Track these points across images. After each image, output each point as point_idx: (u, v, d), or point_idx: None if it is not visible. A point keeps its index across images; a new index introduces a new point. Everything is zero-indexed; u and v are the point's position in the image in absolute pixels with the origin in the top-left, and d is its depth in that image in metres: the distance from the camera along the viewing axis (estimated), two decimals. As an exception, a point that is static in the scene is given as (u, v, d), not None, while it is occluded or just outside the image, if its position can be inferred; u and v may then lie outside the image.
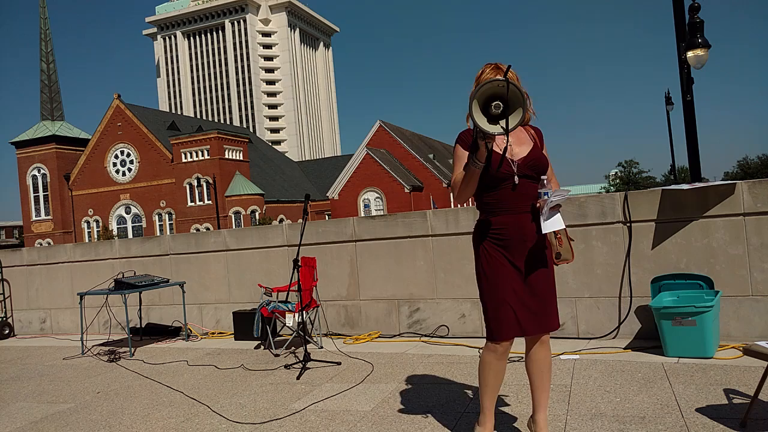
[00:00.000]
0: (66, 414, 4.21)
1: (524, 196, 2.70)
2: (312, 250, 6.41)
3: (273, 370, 5.00)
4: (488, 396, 2.82)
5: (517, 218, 2.70)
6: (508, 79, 2.37)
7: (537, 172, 2.73)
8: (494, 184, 2.70)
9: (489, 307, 2.75)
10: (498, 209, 2.73)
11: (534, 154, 2.74)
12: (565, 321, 5.27)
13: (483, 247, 2.77)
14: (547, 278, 2.77)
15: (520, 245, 2.70)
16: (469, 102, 2.39)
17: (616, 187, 71.31)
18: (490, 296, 2.74)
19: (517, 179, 2.68)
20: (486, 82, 2.37)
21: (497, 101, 2.38)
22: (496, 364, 2.76)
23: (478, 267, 2.81)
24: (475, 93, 2.37)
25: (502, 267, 2.71)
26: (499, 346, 2.73)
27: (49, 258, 8.52)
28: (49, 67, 64.46)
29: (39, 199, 60.82)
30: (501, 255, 2.72)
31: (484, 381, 2.81)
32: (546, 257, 2.76)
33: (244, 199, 53.13)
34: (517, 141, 2.74)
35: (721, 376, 3.78)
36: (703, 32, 8.56)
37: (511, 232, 2.71)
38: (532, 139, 2.80)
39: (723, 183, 4.70)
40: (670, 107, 21.98)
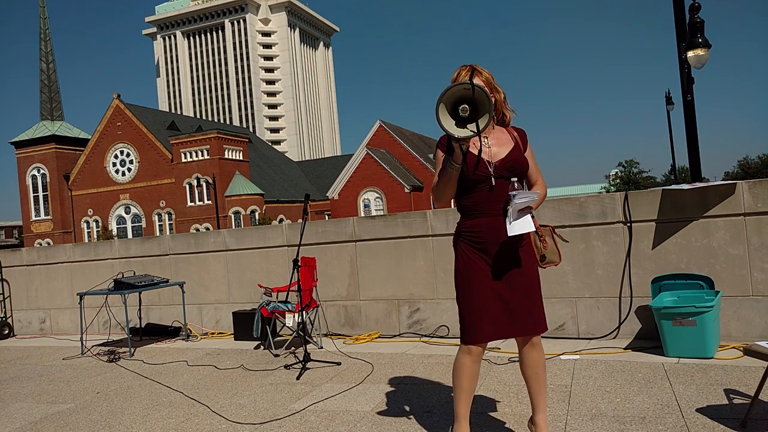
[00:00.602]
0: (66, 414, 4.21)
1: (502, 198, 2.67)
2: (312, 250, 6.41)
3: (273, 371, 5.00)
4: (463, 401, 2.76)
5: (494, 221, 2.68)
6: (474, 82, 2.38)
7: (515, 173, 2.69)
8: (471, 186, 2.68)
9: (464, 309, 2.74)
10: (475, 211, 2.72)
11: (513, 155, 2.71)
12: (566, 321, 5.27)
13: (461, 249, 2.77)
14: (528, 281, 2.72)
15: (497, 248, 2.68)
16: (436, 106, 2.38)
17: (617, 187, 71.29)
18: (466, 299, 2.73)
19: (494, 181, 2.65)
20: (451, 86, 2.38)
21: (464, 104, 2.39)
22: (471, 366, 2.74)
23: (456, 269, 2.81)
24: (441, 97, 2.38)
25: (479, 270, 2.70)
26: (474, 348, 2.72)
27: (48, 258, 8.52)
28: (49, 66, 64.45)
29: (39, 199, 60.80)
30: (478, 257, 2.71)
31: (458, 385, 2.76)
32: (526, 259, 2.72)
33: (244, 199, 53.12)
34: (496, 142, 2.71)
35: (721, 377, 3.77)
36: (704, 32, 8.56)
37: (487, 235, 2.69)
38: (513, 140, 2.76)
39: (723, 183, 4.69)
40: (670, 107, 21.99)
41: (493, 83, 2.72)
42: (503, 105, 2.79)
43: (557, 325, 5.29)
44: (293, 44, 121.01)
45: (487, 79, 2.70)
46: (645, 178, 71.60)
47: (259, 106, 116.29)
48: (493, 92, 2.70)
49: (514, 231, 2.58)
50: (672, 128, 23.17)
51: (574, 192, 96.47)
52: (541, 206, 5.37)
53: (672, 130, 23.15)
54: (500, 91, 2.76)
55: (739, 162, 70.52)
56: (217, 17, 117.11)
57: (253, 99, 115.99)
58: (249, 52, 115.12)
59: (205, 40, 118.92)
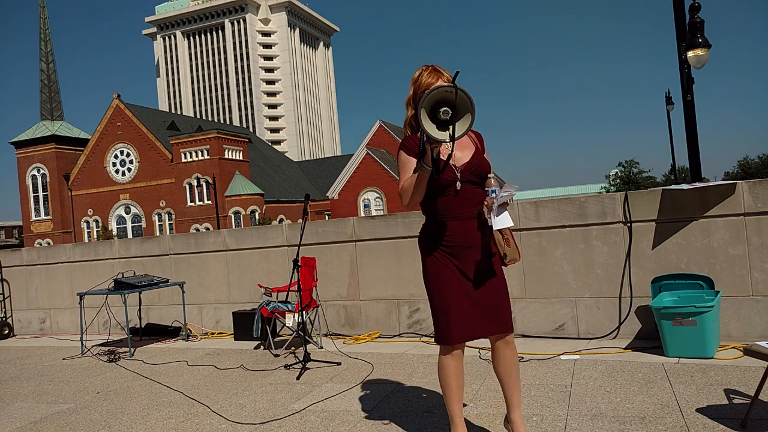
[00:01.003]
0: (66, 414, 4.21)
1: (468, 201, 2.72)
2: (312, 250, 6.41)
3: (273, 371, 5.00)
4: (454, 401, 2.77)
5: (462, 224, 2.72)
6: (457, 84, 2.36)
7: (479, 177, 2.74)
8: (438, 190, 2.70)
9: (438, 311, 2.76)
10: (443, 215, 2.74)
11: (476, 159, 2.75)
12: (566, 321, 5.27)
13: (428, 253, 2.80)
14: (496, 281, 2.78)
15: (466, 250, 2.72)
16: (417, 109, 2.37)
17: (617, 187, 71.27)
18: (439, 300, 2.75)
19: (460, 185, 2.69)
20: (434, 89, 2.36)
21: (446, 107, 2.38)
22: (455, 366, 2.75)
23: (425, 272, 2.83)
24: (422, 100, 2.36)
25: (449, 271, 2.73)
26: (452, 348, 2.74)
27: (48, 258, 8.52)
28: (49, 66, 64.45)
29: (38, 199, 60.80)
30: (447, 259, 2.74)
31: (447, 385, 2.77)
32: (493, 261, 2.77)
33: (244, 199, 53.12)
34: (459, 146, 2.72)
35: (721, 377, 3.77)
36: (704, 32, 8.56)
37: (456, 238, 2.72)
38: (473, 143, 2.81)
39: (723, 183, 4.69)
40: (670, 107, 21.99)
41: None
42: None
43: (557, 325, 5.30)
44: (293, 44, 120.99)
45: (448, 80, 2.71)
46: (645, 178, 71.57)
47: (259, 106, 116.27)
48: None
49: (498, 225, 2.62)
50: (672, 128, 23.19)
51: (574, 192, 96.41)
52: (542, 206, 5.38)
53: (672, 130, 23.17)
54: None
55: (739, 162, 70.50)
56: (217, 17, 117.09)
57: (253, 99, 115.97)
58: (249, 52, 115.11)
59: (205, 40, 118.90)
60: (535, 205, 5.42)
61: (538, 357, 4.66)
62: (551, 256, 5.31)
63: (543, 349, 4.87)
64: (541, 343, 5.15)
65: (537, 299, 5.37)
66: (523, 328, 5.43)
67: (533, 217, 5.38)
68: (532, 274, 5.39)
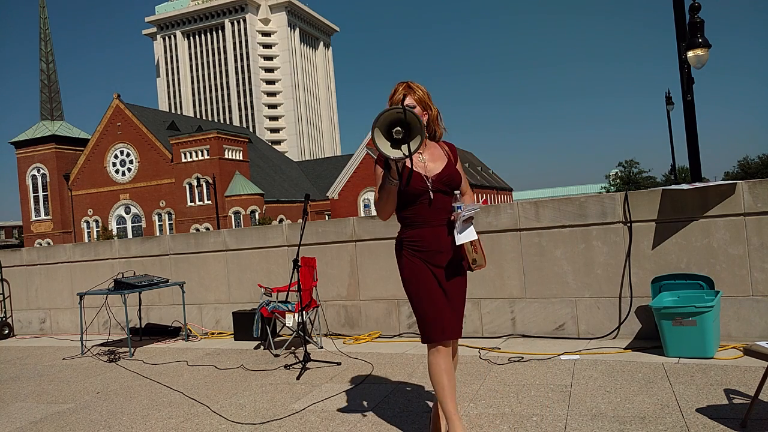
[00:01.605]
0: (66, 414, 4.21)
1: (440, 210, 2.84)
2: (312, 250, 6.41)
3: (273, 371, 5.00)
4: (448, 399, 2.77)
5: (433, 231, 2.84)
6: (406, 104, 2.58)
7: (451, 187, 2.86)
8: (411, 200, 2.84)
9: (421, 312, 2.83)
10: (416, 223, 2.87)
11: (448, 170, 2.88)
12: (566, 321, 5.27)
13: (405, 257, 2.90)
14: (463, 287, 2.92)
15: (438, 256, 2.84)
16: (371, 130, 2.58)
17: (617, 187, 71.29)
18: (421, 302, 2.83)
19: (432, 195, 2.82)
20: (385, 111, 2.58)
21: (398, 127, 2.58)
22: (445, 363, 2.79)
23: (403, 277, 2.92)
24: (376, 122, 2.58)
25: (427, 275, 2.84)
26: (441, 345, 2.79)
27: (48, 258, 8.52)
28: (49, 66, 64.44)
29: (38, 199, 60.80)
30: (420, 265, 2.85)
31: (439, 383, 2.78)
32: (461, 266, 2.88)
33: (244, 199, 53.11)
34: (431, 157, 2.88)
35: (721, 377, 3.77)
36: (704, 32, 8.56)
37: (428, 244, 2.84)
38: (446, 154, 2.94)
39: (723, 183, 4.69)
40: (670, 107, 21.99)
41: (426, 101, 2.86)
42: (436, 122, 2.94)
43: (557, 325, 5.30)
44: (293, 44, 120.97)
45: (420, 98, 2.84)
46: (645, 178, 71.59)
47: (259, 106, 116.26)
48: (426, 110, 2.86)
49: (461, 240, 2.77)
50: (672, 128, 23.18)
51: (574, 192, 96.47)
52: (542, 207, 5.38)
53: (672, 130, 23.16)
54: (434, 109, 2.91)
55: (739, 162, 70.55)
56: (217, 17, 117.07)
57: (253, 99, 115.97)
58: (249, 52, 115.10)
59: (205, 40, 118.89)
60: (535, 205, 5.43)
61: (538, 357, 4.66)
62: (551, 256, 5.31)
63: (543, 349, 4.87)
64: (541, 343, 5.15)
65: (537, 299, 5.37)
66: (523, 328, 5.43)
67: (533, 217, 5.39)
68: (532, 274, 5.39)
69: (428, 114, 2.87)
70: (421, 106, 2.84)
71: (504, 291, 5.51)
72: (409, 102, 2.80)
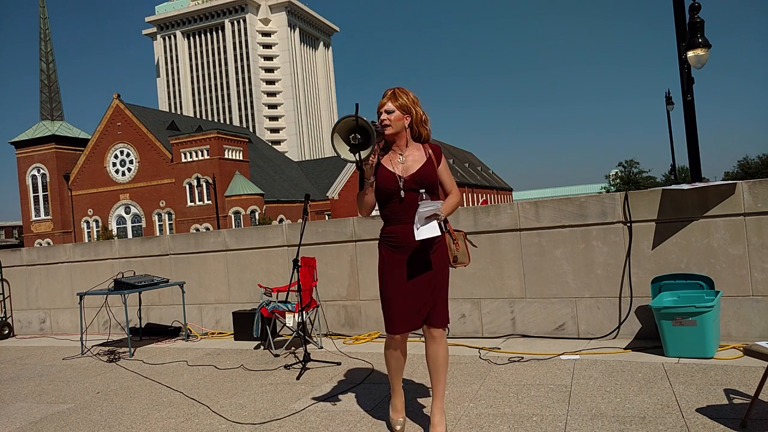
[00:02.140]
0: (66, 414, 4.21)
1: (412, 207, 3.01)
2: (312, 250, 6.41)
3: (273, 371, 5.00)
4: (393, 376, 3.27)
5: (405, 227, 3.05)
6: (360, 116, 2.87)
7: (424, 186, 3.07)
8: (386, 198, 3.11)
9: (382, 304, 3.16)
10: (391, 219, 3.13)
11: (422, 170, 3.08)
12: (566, 321, 5.27)
13: (380, 251, 3.18)
14: (437, 280, 3.11)
15: (410, 250, 3.06)
16: (331, 134, 2.97)
17: (617, 187, 71.29)
18: (383, 294, 3.15)
19: (403, 193, 3.06)
20: (340, 119, 2.92)
21: (356, 133, 2.90)
22: (395, 351, 3.19)
23: (378, 269, 3.21)
24: (334, 127, 2.95)
25: (394, 269, 3.10)
26: (394, 336, 3.13)
27: (48, 258, 8.52)
28: (49, 66, 64.43)
29: (38, 199, 60.78)
30: (392, 257, 3.11)
31: (387, 364, 3.27)
32: (436, 262, 3.10)
33: (244, 199, 53.10)
34: (410, 158, 3.12)
35: (721, 377, 3.77)
36: (704, 32, 8.56)
37: (400, 239, 3.07)
38: (427, 156, 3.14)
39: (723, 183, 4.69)
40: (670, 107, 21.99)
41: (408, 105, 3.10)
42: (420, 124, 3.15)
43: (557, 325, 5.30)
44: (293, 44, 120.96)
45: (402, 104, 3.09)
46: (645, 178, 71.60)
47: (259, 106, 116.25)
48: (408, 114, 3.11)
49: (421, 236, 2.92)
50: (672, 128, 23.19)
51: (574, 192, 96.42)
52: (542, 207, 5.38)
53: (672, 130, 23.18)
54: (417, 113, 3.13)
55: (739, 162, 70.56)
56: (217, 17, 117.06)
57: (253, 99, 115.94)
58: (249, 52, 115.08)
59: (205, 40, 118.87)
60: (535, 205, 5.43)
61: (538, 357, 4.66)
62: (551, 256, 5.31)
63: (543, 349, 4.87)
64: (541, 343, 5.15)
65: (537, 299, 5.37)
66: (523, 328, 5.43)
67: (533, 217, 5.38)
68: (532, 274, 5.39)
69: (410, 117, 3.11)
70: (402, 110, 3.08)
71: (504, 291, 5.51)
72: (388, 107, 3.07)
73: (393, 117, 3.06)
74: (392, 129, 3.08)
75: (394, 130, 3.09)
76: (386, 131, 3.08)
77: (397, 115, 3.07)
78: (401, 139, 3.12)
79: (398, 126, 3.09)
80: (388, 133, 3.09)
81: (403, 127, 3.10)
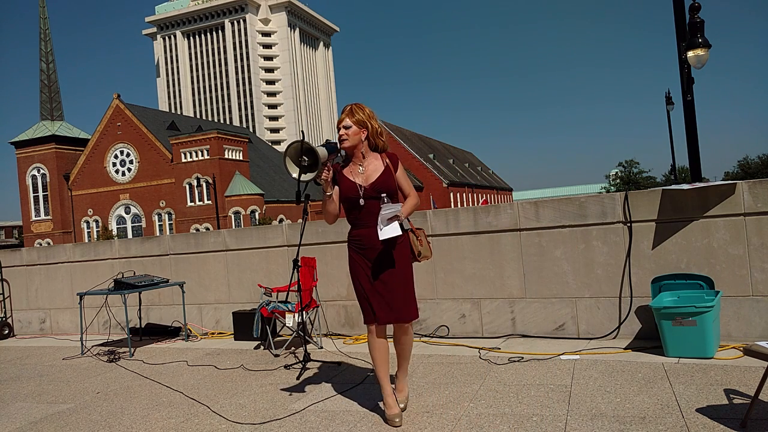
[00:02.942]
0: (66, 414, 4.21)
1: (373, 213, 3.37)
2: (312, 250, 6.41)
3: (273, 371, 5.00)
4: (379, 368, 3.47)
5: (368, 231, 3.42)
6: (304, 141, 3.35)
7: (384, 193, 3.40)
8: (350, 206, 3.48)
9: (359, 300, 3.51)
10: (356, 224, 3.53)
11: (381, 179, 3.42)
12: (566, 321, 5.27)
13: (349, 252, 3.57)
14: (400, 277, 3.43)
15: (374, 251, 3.43)
16: (283, 157, 3.45)
17: (617, 187, 71.32)
18: (356, 291, 3.52)
19: (363, 201, 3.41)
20: (291, 143, 3.40)
21: (305, 156, 3.36)
22: (374, 341, 3.46)
23: (349, 270, 3.59)
24: (285, 151, 3.41)
25: (361, 268, 3.49)
26: (372, 327, 3.44)
27: (48, 258, 8.52)
28: (49, 66, 64.43)
29: (38, 199, 60.79)
30: (361, 258, 3.50)
31: (372, 356, 3.51)
32: (399, 260, 3.43)
33: (244, 199, 53.10)
34: (369, 168, 3.46)
35: (721, 377, 3.77)
36: (704, 32, 8.55)
37: (366, 242, 3.45)
38: (384, 165, 3.47)
39: (723, 183, 4.69)
40: (670, 107, 22.00)
41: (364, 120, 3.44)
42: (376, 137, 3.49)
43: (557, 325, 5.30)
44: (293, 44, 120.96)
45: (358, 119, 3.42)
46: (645, 178, 71.64)
47: (259, 106, 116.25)
48: (364, 128, 3.44)
49: (384, 236, 3.25)
50: (672, 128, 23.19)
51: (574, 192, 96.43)
52: (542, 207, 5.38)
53: (672, 130, 23.17)
54: (373, 126, 3.47)
55: (739, 162, 70.60)
56: (217, 17, 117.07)
57: (253, 99, 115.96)
58: (249, 52, 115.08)
59: (205, 40, 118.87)
60: (535, 205, 5.43)
61: (538, 357, 4.66)
62: (551, 256, 5.31)
63: (543, 349, 4.87)
64: (541, 343, 5.15)
65: (537, 299, 5.37)
66: (523, 328, 5.43)
67: (533, 217, 5.39)
68: (532, 274, 5.39)
69: (367, 131, 3.45)
70: (359, 125, 3.43)
71: (504, 291, 5.51)
72: (346, 123, 3.41)
73: (350, 132, 3.40)
74: (349, 143, 3.42)
75: (352, 144, 3.43)
76: (343, 145, 3.43)
77: (354, 129, 3.41)
78: (359, 150, 3.45)
79: (355, 140, 3.42)
80: (345, 146, 3.43)
81: (360, 140, 3.44)
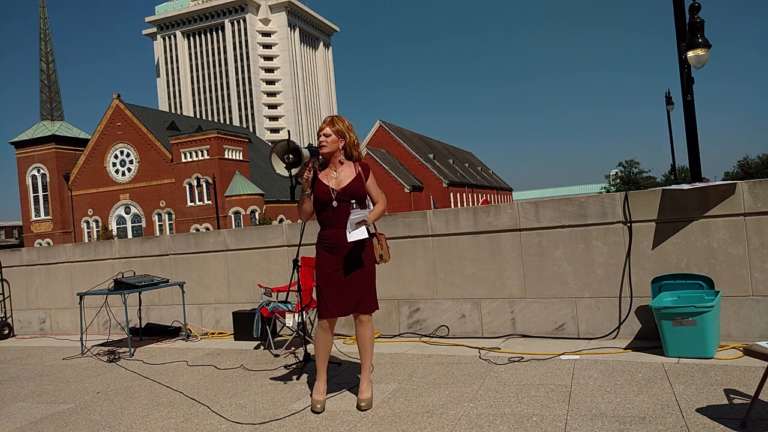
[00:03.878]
0: (66, 414, 4.21)
1: (342, 215, 3.69)
2: (312, 250, 6.39)
3: (273, 371, 5.00)
4: (319, 360, 3.81)
5: (336, 231, 3.73)
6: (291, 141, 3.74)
7: (354, 198, 3.74)
8: (321, 207, 3.77)
9: (317, 294, 3.79)
10: (325, 224, 3.80)
11: (352, 184, 3.75)
12: (566, 321, 5.27)
13: (317, 250, 3.83)
14: (362, 273, 3.74)
15: (340, 250, 3.72)
16: (269, 155, 3.79)
17: (617, 187, 71.35)
18: (319, 287, 3.77)
19: (335, 203, 3.72)
20: (278, 141, 3.76)
21: (289, 154, 3.72)
22: (323, 335, 3.77)
23: (315, 264, 3.86)
24: (272, 149, 3.77)
25: (326, 266, 3.75)
26: (323, 322, 3.74)
27: (48, 258, 8.52)
28: (49, 66, 64.43)
29: (38, 199, 60.78)
30: (327, 257, 3.76)
31: (316, 349, 3.82)
32: (360, 259, 3.74)
33: (244, 199, 53.10)
34: (342, 174, 3.78)
35: (721, 377, 3.77)
36: (704, 32, 8.56)
37: (334, 241, 3.74)
38: (356, 173, 3.80)
39: (723, 183, 4.69)
40: (670, 107, 21.99)
41: (343, 131, 3.78)
42: (353, 147, 3.82)
43: (557, 325, 5.30)
44: (293, 44, 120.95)
45: (338, 130, 3.76)
46: (645, 178, 71.65)
47: (259, 106, 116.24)
48: (342, 138, 3.78)
49: (352, 238, 3.57)
50: (672, 128, 23.19)
51: (574, 192, 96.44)
52: (542, 207, 5.38)
53: (672, 130, 23.17)
54: (350, 137, 3.80)
55: (739, 162, 70.63)
56: (217, 17, 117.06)
57: (253, 99, 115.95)
58: (249, 52, 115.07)
59: (205, 40, 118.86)
60: (535, 205, 5.43)
61: (538, 357, 4.66)
62: (551, 256, 5.31)
63: (543, 349, 4.87)
64: (541, 343, 5.15)
65: (537, 299, 5.37)
66: (523, 328, 5.43)
67: (533, 217, 5.39)
68: (532, 274, 5.39)
69: (345, 141, 3.77)
70: (338, 135, 3.76)
71: (504, 291, 5.51)
72: (326, 131, 3.73)
73: (329, 140, 3.73)
74: (327, 149, 3.74)
75: (329, 150, 3.74)
76: (322, 150, 3.73)
77: (332, 138, 3.75)
78: (335, 158, 3.78)
79: (332, 147, 3.75)
80: (323, 152, 3.74)
81: (337, 148, 3.76)
